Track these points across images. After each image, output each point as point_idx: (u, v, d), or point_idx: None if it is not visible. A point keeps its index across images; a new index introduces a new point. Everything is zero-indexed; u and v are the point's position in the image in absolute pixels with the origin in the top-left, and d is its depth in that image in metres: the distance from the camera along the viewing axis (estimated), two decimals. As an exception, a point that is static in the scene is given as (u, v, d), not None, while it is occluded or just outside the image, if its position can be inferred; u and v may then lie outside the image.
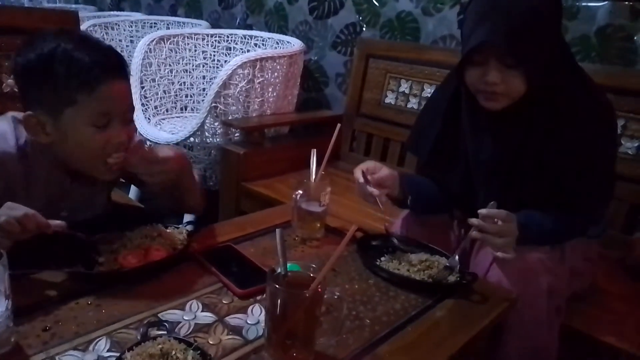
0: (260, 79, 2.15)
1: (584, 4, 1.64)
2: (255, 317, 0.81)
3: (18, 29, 1.38)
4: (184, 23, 3.05)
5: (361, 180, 1.07)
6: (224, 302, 0.85)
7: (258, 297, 0.86)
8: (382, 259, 1.02)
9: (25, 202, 0.92)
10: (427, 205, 1.21)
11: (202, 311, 0.81)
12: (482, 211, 0.96)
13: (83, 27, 2.60)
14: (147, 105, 2.40)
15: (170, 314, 0.80)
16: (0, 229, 0.78)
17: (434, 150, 1.20)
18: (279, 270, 0.73)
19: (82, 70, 0.86)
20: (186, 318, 0.79)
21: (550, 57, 1.01)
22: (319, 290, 0.69)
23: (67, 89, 0.87)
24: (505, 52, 0.97)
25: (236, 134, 2.12)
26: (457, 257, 0.99)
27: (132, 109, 0.97)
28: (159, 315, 0.79)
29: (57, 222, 0.84)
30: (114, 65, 0.91)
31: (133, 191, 2.07)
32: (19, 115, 0.94)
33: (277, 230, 0.74)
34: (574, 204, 1.05)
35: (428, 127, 1.22)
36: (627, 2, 1.57)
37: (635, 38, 1.58)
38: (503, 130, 1.08)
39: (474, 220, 0.97)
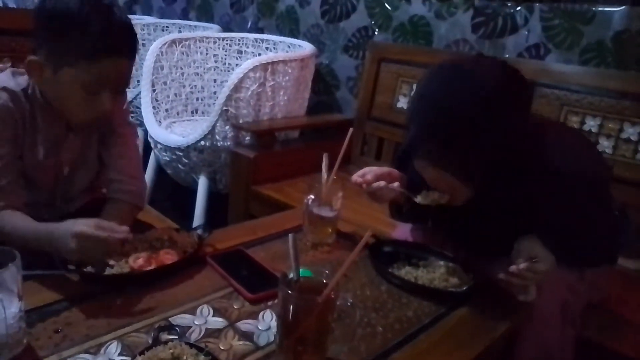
0: (272, 83, 2.15)
1: (600, 8, 1.62)
2: (266, 322, 0.80)
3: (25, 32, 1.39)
4: (195, 26, 3.06)
5: (359, 181, 1.06)
6: (235, 307, 0.84)
7: (269, 303, 0.85)
8: (395, 265, 1.01)
9: (30, 149, 1.01)
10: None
11: (212, 316, 0.81)
12: (521, 267, 0.87)
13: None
14: (158, 108, 2.41)
15: (181, 318, 0.79)
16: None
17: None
18: (291, 275, 0.72)
19: (92, 40, 0.88)
20: (197, 323, 0.78)
21: (496, 155, 0.88)
22: (332, 296, 0.68)
23: (72, 51, 0.89)
24: (427, 161, 0.92)
25: (247, 138, 2.12)
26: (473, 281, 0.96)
27: (127, 83, 1.00)
28: (170, 319, 0.79)
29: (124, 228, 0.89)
30: (123, 44, 0.93)
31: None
32: (17, 70, 1.00)
33: (290, 235, 0.73)
34: (578, 258, 0.99)
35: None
36: (644, 7, 1.55)
37: (652, 43, 1.56)
38: (483, 216, 0.98)
39: (513, 268, 0.87)
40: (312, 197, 1.08)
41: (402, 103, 2.05)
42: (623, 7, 1.59)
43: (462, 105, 0.84)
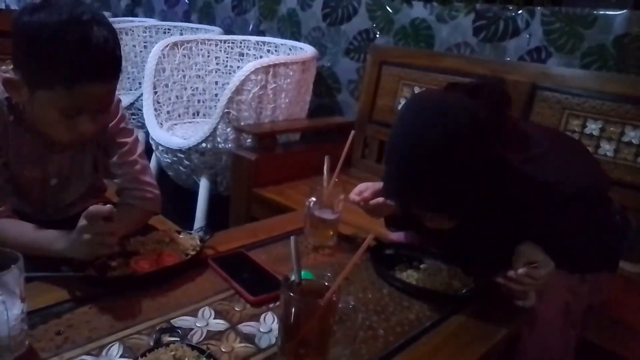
0: (273, 85, 2.15)
1: (601, 12, 1.63)
2: (267, 325, 0.80)
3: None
4: (197, 29, 3.07)
5: (357, 199, 1.07)
6: (237, 309, 0.84)
7: (271, 305, 0.85)
8: (396, 268, 1.01)
9: (17, 160, 0.96)
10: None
11: (214, 318, 0.81)
12: (520, 272, 0.86)
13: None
14: (159, 110, 2.42)
15: (182, 320, 0.79)
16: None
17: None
18: (292, 278, 0.72)
19: (69, 64, 0.82)
20: (198, 325, 0.79)
21: (466, 189, 0.88)
22: (334, 299, 0.68)
23: (48, 74, 0.83)
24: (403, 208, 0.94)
25: (248, 140, 2.12)
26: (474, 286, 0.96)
27: (110, 104, 0.95)
28: (172, 321, 0.79)
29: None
30: (102, 69, 0.86)
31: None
32: (1, 75, 0.94)
33: (291, 237, 0.74)
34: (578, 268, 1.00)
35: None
36: (645, 11, 1.56)
37: (653, 47, 1.56)
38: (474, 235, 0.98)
39: (512, 274, 0.87)
40: (314, 199, 1.08)
41: (404, 106, 2.05)
42: (624, 11, 1.59)
43: (427, 144, 0.84)
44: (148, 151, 2.45)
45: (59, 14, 0.82)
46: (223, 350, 0.73)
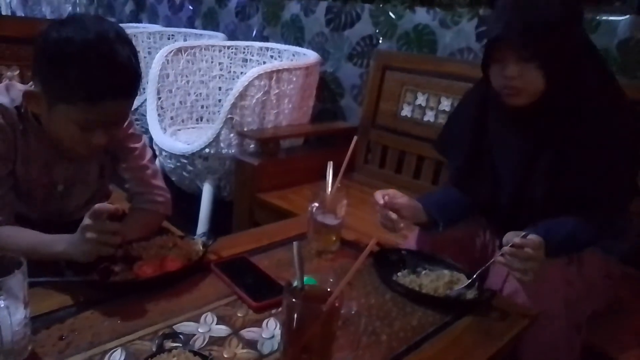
0: (276, 91, 2.16)
1: (604, 17, 1.63)
2: (270, 330, 0.80)
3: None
4: (201, 35, 3.08)
5: (381, 202, 1.08)
6: (239, 314, 0.84)
7: (273, 311, 0.85)
8: (399, 274, 1.01)
9: (24, 166, 0.98)
10: (457, 222, 1.20)
11: (217, 324, 0.81)
12: (515, 240, 0.92)
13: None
14: (163, 115, 2.43)
15: (185, 326, 0.79)
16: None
17: (464, 159, 1.21)
18: (295, 283, 0.72)
19: (92, 82, 0.85)
20: (201, 330, 0.78)
21: (570, 55, 1.01)
22: (337, 304, 0.68)
23: (71, 91, 0.86)
24: (520, 45, 0.99)
25: (251, 145, 2.13)
26: (477, 278, 0.96)
27: (126, 118, 0.98)
28: (174, 327, 0.79)
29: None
30: (124, 86, 0.89)
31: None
32: (12, 84, 0.97)
33: (294, 243, 0.74)
34: (587, 208, 1.04)
35: (459, 133, 1.23)
36: (648, 16, 1.56)
37: (657, 52, 1.56)
38: (525, 128, 1.09)
39: (506, 249, 0.92)
40: (317, 204, 1.08)
41: (407, 111, 2.05)
42: (627, 16, 1.59)
43: (555, 3, 0.98)
44: (151, 156, 2.46)
45: (86, 32, 0.84)
46: (225, 356, 0.73)
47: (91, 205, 0.86)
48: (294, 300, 0.67)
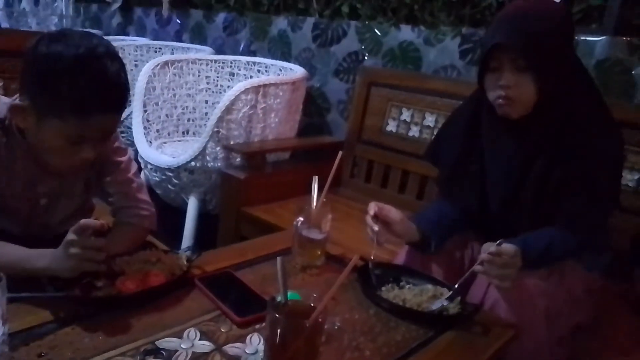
0: (263, 105, 2.17)
1: (582, 37, 1.67)
2: (253, 346, 0.80)
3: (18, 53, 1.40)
4: (188, 48, 3.09)
5: (371, 212, 1.09)
6: (223, 330, 0.83)
7: (257, 326, 0.85)
8: (383, 288, 1.01)
9: (7, 181, 0.96)
10: (449, 239, 1.21)
11: (200, 339, 0.80)
12: (491, 249, 0.94)
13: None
14: (149, 128, 2.42)
15: (167, 342, 0.78)
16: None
17: (456, 164, 1.23)
18: (279, 298, 0.72)
19: (82, 97, 0.85)
20: (183, 346, 0.78)
21: (562, 66, 1.06)
22: (320, 320, 0.68)
23: (62, 106, 0.86)
24: (517, 54, 1.02)
25: (237, 159, 2.12)
26: (458, 288, 0.98)
27: (113, 132, 0.98)
28: (156, 342, 0.78)
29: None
30: (114, 100, 0.90)
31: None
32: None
33: (278, 258, 0.74)
34: (568, 219, 1.07)
35: (451, 140, 1.26)
36: (624, 38, 1.60)
37: (633, 72, 1.60)
38: (519, 135, 1.11)
39: (483, 256, 0.95)
40: (302, 219, 1.09)
41: (392, 126, 2.08)
42: (604, 37, 1.64)
43: (550, 14, 1.04)
44: (136, 169, 2.44)
45: (76, 47, 0.84)
46: (208, 372, 0.73)
47: (75, 220, 0.85)
48: (277, 315, 0.67)
